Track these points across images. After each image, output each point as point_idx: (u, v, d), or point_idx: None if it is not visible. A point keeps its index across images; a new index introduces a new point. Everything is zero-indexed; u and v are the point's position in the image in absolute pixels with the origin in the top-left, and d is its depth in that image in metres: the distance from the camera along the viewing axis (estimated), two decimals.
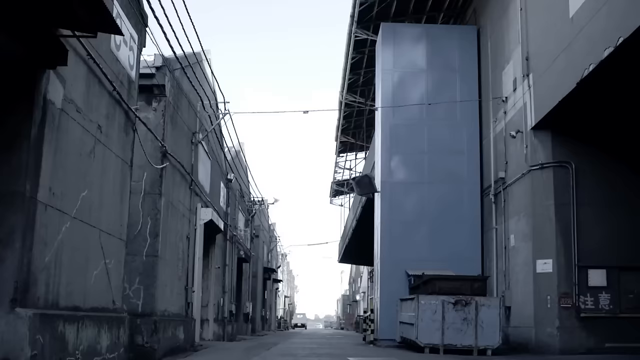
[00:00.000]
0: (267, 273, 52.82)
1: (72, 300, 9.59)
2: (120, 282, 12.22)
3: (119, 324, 11.53)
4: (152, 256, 15.54)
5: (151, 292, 15.43)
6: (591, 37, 14.99)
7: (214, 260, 25.79)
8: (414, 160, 25.60)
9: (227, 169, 27.82)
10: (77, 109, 9.57)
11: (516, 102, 20.40)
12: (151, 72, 15.90)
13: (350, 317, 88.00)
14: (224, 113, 23.67)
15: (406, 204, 25.35)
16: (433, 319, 18.84)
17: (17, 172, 8.10)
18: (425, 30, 27.02)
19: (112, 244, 11.42)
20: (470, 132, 25.17)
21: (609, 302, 18.06)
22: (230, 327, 29.85)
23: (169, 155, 16.23)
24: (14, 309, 7.76)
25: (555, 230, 18.37)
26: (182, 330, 17.86)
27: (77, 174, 9.72)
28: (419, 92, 25.75)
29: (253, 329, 43.06)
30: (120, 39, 11.54)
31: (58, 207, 8.95)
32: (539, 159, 18.92)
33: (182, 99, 18.08)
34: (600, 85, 15.77)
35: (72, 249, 9.53)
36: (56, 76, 8.77)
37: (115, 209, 11.69)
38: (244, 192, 36.08)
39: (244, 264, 37.17)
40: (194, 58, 18.62)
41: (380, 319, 25.38)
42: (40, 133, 8.40)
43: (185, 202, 18.62)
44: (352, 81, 34.68)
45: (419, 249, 24.55)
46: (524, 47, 19.79)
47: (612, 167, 18.74)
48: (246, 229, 37.47)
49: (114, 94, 11.27)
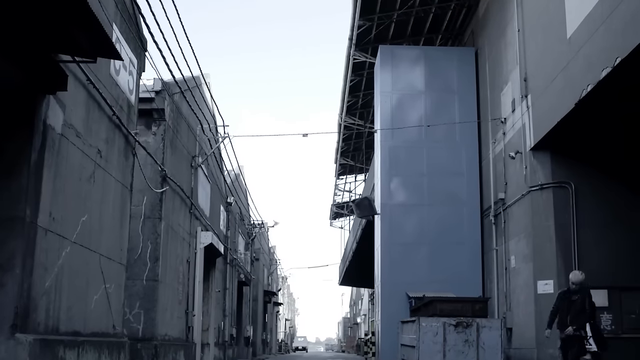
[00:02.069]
0: (268, 296, 52.66)
1: (73, 325, 9.56)
2: (121, 307, 12.19)
3: (119, 348, 11.49)
4: (152, 280, 15.51)
5: (152, 316, 15.38)
6: (589, 57, 15.03)
7: (214, 283, 25.72)
8: (413, 182, 25.59)
9: (226, 193, 27.82)
10: (77, 133, 9.60)
11: (515, 123, 20.43)
12: (150, 97, 15.96)
13: (351, 340, 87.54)
14: (223, 136, 23.72)
15: (406, 226, 25.30)
16: (434, 341, 18.74)
17: (17, 197, 8.11)
18: (423, 52, 27.11)
19: (112, 268, 11.41)
20: (469, 154, 25.19)
21: (610, 323, 17.96)
22: (231, 351, 29.72)
23: (168, 179, 16.25)
24: (14, 335, 7.73)
25: (556, 251, 18.32)
26: (183, 355, 17.78)
27: (77, 199, 9.73)
28: (418, 114, 25.79)
29: (254, 352, 42.86)
30: (120, 64, 11.59)
31: (58, 232, 8.95)
32: (539, 179, 18.92)
33: (182, 123, 18.12)
34: (599, 106, 15.79)
35: (73, 274, 9.52)
36: (56, 101, 8.80)
37: (115, 233, 11.69)
38: (243, 215, 36.06)
39: (245, 287, 37.07)
40: (193, 82, 18.69)
41: (381, 341, 25.26)
42: (40, 158, 8.41)
43: (185, 226, 18.60)
44: (351, 103, 34.73)
45: (419, 270, 24.47)
46: (522, 68, 19.85)
47: (612, 188, 18.72)
48: (246, 252, 37.40)
49: (113, 119, 11.31)
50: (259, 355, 45.19)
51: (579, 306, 12.83)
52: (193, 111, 18.92)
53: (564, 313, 13.14)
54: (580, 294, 12.94)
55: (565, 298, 13.32)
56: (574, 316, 12.83)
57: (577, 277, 13.12)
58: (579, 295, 12.93)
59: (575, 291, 13.01)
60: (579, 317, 12.79)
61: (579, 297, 12.88)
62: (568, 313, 12.99)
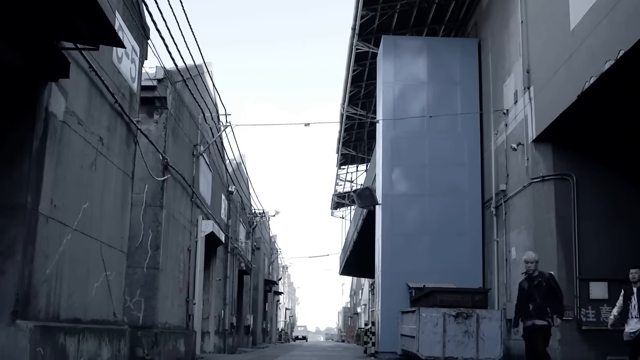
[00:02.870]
0: (268, 285, 52.73)
1: (73, 313, 9.59)
2: (121, 294, 12.22)
3: (119, 336, 11.52)
4: (153, 268, 15.54)
5: (152, 304, 15.41)
6: (592, 49, 15.00)
7: (215, 272, 25.76)
8: (415, 172, 25.59)
9: (228, 181, 27.83)
10: (78, 121, 9.60)
11: (517, 115, 20.40)
12: (153, 85, 15.93)
13: (351, 330, 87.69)
14: (225, 125, 23.69)
15: (407, 217, 25.32)
16: (434, 332, 18.78)
17: (18, 184, 8.11)
18: (426, 42, 27.06)
19: (113, 256, 11.43)
20: (471, 145, 25.17)
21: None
22: (231, 340, 29.77)
23: (170, 168, 16.25)
24: (15, 322, 7.76)
25: (557, 243, 18.33)
26: (183, 343, 17.83)
27: (79, 186, 9.73)
28: (420, 105, 25.77)
29: (254, 341, 42.95)
30: (122, 52, 11.58)
31: (59, 219, 8.96)
32: (540, 171, 18.90)
33: (184, 111, 18.11)
34: (601, 98, 15.77)
35: (73, 261, 9.53)
36: (58, 88, 8.80)
37: (117, 221, 11.71)
38: (245, 204, 36.07)
39: (245, 276, 37.12)
40: (195, 70, 18.67)
41: (381, 331, 25.31)
42: (42, 145, 8.41)
43: (186, 214, 18.62)
44: (353, 93, 34.70)
45: (420, 261, 24.49)
46: (524, 60, 19.81)
47: (613, 180, 18.71)
48: (247, 241, 37.44)
49: (115, 107, 11.31)
50: (259, 344, 45.28)
51: (546, 290, 11.69)
52: (195, 99, 18.91)
53: (526, 300, 11.95)
54: (542, 278, 11.82)
55: (526, 286, 12.08)
56: (543, 301, 11.65)
57: (531, 256, 12.12)
58: (540, 279, 11.78)
59: (535, 276, 11.88)
60: (553, 303, 11.69)
61: (542, 281, 11.73)
62: (530, 300, 11.80)
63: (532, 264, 11.91)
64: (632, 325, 11.88)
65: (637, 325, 11.80)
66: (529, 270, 11.94)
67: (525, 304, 11.96)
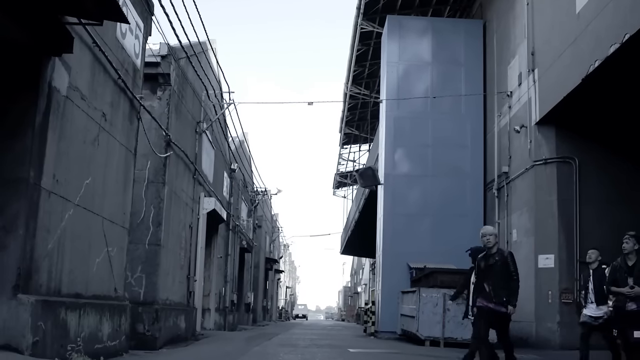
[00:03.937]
0: (269, 263, 52.86)
1: (74, 288, 9.62)
2: (123, 270, 12.26)
3: (120, 311, 11.57)
4: (154, 245, 15.56)
5: (153, 280, 15.45)
6: (597, 33, 14.95)
7: (216, 249, 25.82)
8: (417, 153, 25.59)
9: (230, 159, 27.83)
10: (82, 96, 9.58)
11: (521, 97, 20.37)
12: (156, 61, 15.87)
13: (351, 309, 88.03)
14: (228, 103, 23.66)
15: (409, 197, 25.35)
16: (434, 312, 18.87)
17: (21, 159, 8.12)
18: (431, 23, 26.99)
19: (114, 231, 11.45)
20: (474, 126, 25.15)
21: None
22: (232, 317, 29.90)
23: (173, 144, 16.24)
24: (17, 296, 7.80)
25: (558, 226, 18.37)
26: (184, 319, 17.90)
27: (81, 162, 9.74)
28: (424, 85, 25.72)
29: (254, 319, 43.13)
30: (126, 27, 11.54)
31: (61, 194, 8.97)
32: (543, 154, 18.91)
33: (187, 88, 18.07)
34: (605, 82, 15.74)
35: (75, 236, 9.55)
36: (61, 63, 8.78)
37: (119, 196, 11.72)
38: (247, 182, 36.09)
39: (246, 254, 37.20)
40: (199, 47, 18.60)
41: (381, 311, 25.42)
42: (45, 120, 8.41)
43: (188, 191, 18.64)
44: (357, 73, 34.63)
45: (421, 242, 24.55)
46: (529, 42, 19.75)
47: (615, 164, 18.72)
48: (249, 219, 37.49)
49: (119, 82, 11.28)
50: (259, 322, 45.49)
51: (500, 270, 10.43)
52: (199, 76, 18.86)
53: (480, 277, 10.80)
54: (499, 257, 10.52)
55: (482, 264, 10.80)
56: (497, 284, 10.42)
57: (488, 229, 10.89)
58: (497, 259, 10.50)
59: (492, 254, 10.59)
60: (507, 288, 10.39)
61: (498, 261, 10.47)
62: (485, 278, 10.64)
63: (489, 236, 10.60)
64: (592, 310, 11.51)
65: (597, 312, 11.43)
66: (487, 245, 10.61)
67: (480, 284, 10.77)
